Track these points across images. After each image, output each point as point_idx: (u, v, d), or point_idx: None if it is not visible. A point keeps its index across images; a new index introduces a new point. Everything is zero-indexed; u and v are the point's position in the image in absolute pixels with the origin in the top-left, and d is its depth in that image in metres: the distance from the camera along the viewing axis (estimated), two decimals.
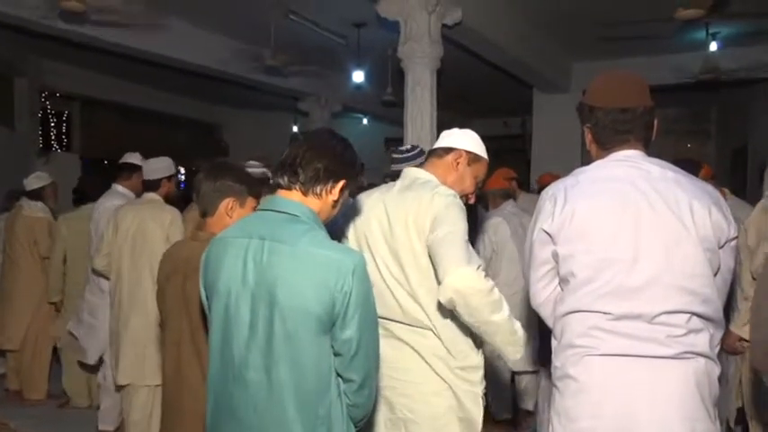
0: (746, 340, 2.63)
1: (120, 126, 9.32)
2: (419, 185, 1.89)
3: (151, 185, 3.15)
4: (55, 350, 4.22)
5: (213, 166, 1.92)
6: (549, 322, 1.68)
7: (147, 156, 3.42)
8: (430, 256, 1.78)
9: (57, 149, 8.41)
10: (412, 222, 1.82)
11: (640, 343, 1.46)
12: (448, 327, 1.84)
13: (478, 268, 1.71)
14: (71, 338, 3.73)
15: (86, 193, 4.03)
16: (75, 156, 8.53)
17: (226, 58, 6.57)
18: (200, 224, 1.92)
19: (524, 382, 3.72)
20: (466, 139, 2.01)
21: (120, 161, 3.60)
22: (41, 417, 3.87)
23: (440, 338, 1.84)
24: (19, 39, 6.20)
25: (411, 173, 1.98)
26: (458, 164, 1.97)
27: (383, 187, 2.04)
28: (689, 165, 2.35)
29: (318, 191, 1.43)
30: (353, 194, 1.85)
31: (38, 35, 5.63)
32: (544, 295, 1.67)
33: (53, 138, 8.47)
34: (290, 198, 1.43)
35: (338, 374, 1.38)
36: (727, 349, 2.71)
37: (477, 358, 1.89)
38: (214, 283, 1.42)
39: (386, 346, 1.76)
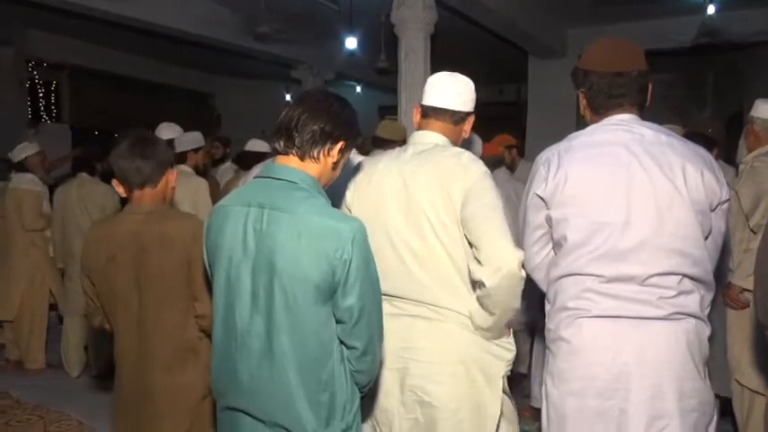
0: (750, 291, 2.67)
1: (110, 96, 9.19)
2: (438, 151, 1.72)
3: (180, 158, 3.34)
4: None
5: (140, 139, 1.77)
6: (543, 286, 1.71)
7: (139, 125, 3.41)
8: (466, 234, 1.65)
9: (46, 120, 8.30)
10: (438, 193, 1.65)
11: (632, 304, 1.49)
12: (473, 304, 1.68)
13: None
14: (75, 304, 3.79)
15: (89, 162, 4.11)
16: (65, 126, 8.42)
17: (215, 24, 6.45)
18: (140, 197, 1.76)
19: (518, 345, 3.77)
20: (473, 98, 1.82)
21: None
22: (43, 386, 3.91)
23: (464, 315, 1.67)
24: (2, 7, 6.05)
25: (424, 137, 1.79)
26: (469, 128, 1.84)
27: (391, 153, 1.84)
28: (702, 140, 2.33)
29: (316, 154, 1.39)
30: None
31: (22, 2, 5.49)
32: (538, 259, 1.69)
33: (42, 108, 8.35)
34: (288, 164, 1.40)
35: (341, 341, 1.38)
36: (730, 302, 2.73)
37: (511, 349, 1.76)
38: (215, 252, 1.41)
39: (398, 325, 1.69)
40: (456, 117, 1.79)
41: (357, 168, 1.86)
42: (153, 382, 1.72)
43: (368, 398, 1.72)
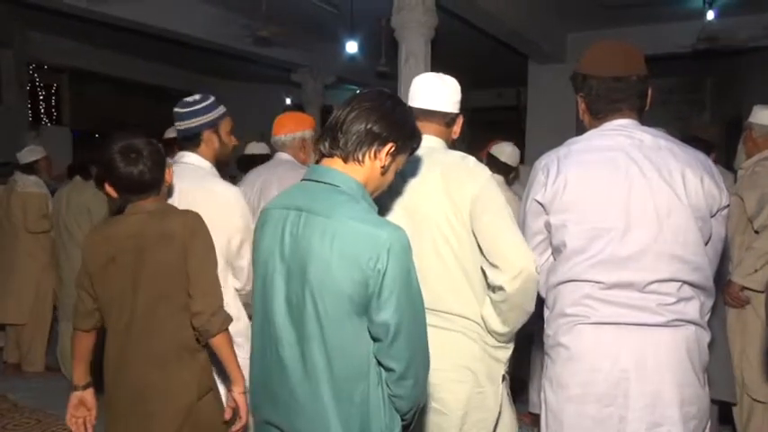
0: (750, 289, 2.68)
1: (110, 98, 9.20)
2: (440, 155, 1.71)
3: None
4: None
5: (140, 143, 1.70)
6: (542, 291, 1.70)
7: (138, 128, 3.42)
8: (477, 239, 1.64)
9: (46, 123, 8.32)
10: (446, 199, 1.64)
11: (631, 311, 1.48)
12: (486, 310, 1.68)
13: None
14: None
15: (84, 166, 4.12)
16: (65, 129, 8.44)
17: (216, 28, 6.46)
18: (141, 200, 1.72)
19: (516, 351, 3.77)
20: (459, 98, 1.80)
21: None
22: (41, 389, 3.91)
23: (473, 320, 1.67)
24: (3, 9, 6.06)
25: (425, 140, 1.72)
26: (458, 129, 1.83)
27: None
28: (700, 144, 2.33)
29: (361, 157, 1.28)
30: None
31: (23, 5, 5.50)
32: (538, 264, 1.68)
33: (42, 111, 8.36)
34: (332, 166, 1.30)
35: (378, 362, 1.26)
36: (730, 300, 2.73)
37: (508, 349, 1.76)
38: (256, 256, 1.35)
39: None
40: (447, 119, 1.78)
41: None
42: (147, 381, 1.69)
43: None
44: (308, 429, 1.26)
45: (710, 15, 6.10)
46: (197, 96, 2.12)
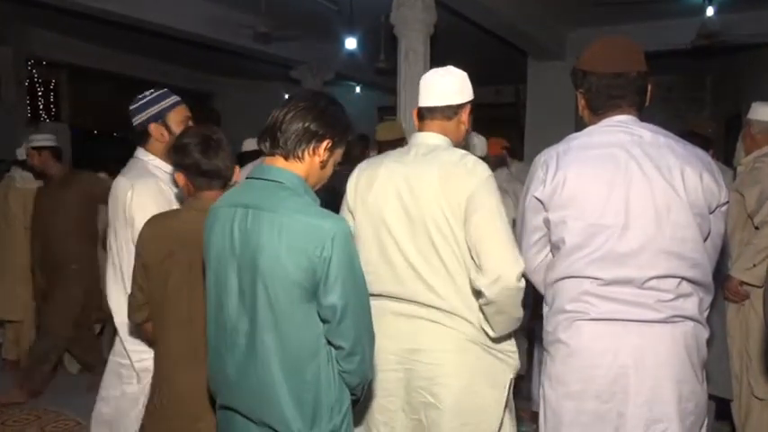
0: (749, 284, 2.69)
1: (109, 95, 9.17)
2: (442, 154, 1.71)
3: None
4: None
5: (215, 136, 1.74)
6: (541, 288, 1.71)
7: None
8: (466, 237, 1.64)
9: (45, 119, 8.29)
10: (443, 197, 1.64)
11: (630, 307, 1.49)
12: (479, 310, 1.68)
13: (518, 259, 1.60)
14: None
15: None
16: (64, 125, 8.41)
17: (215, 24, 6.44)
18: (207, 194, 1.73)
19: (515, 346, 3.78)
20: (466, 86, 1.80)
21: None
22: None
23: (471, 319, 1.68)
24: (1, 5, 6.04)
25: (424, 138, 1.77)
26: (467, 117, 1.81)
27: (392, 155, 1.81)
28: (698, 140, 2.33)
29: (300, 154, 1.38)
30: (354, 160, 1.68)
31: (21, 1, 5.48)
32: (536, 262, 1.69)
33: (41, 107, 8.34)
34: (274, 164, 1.40)
35: (328, 341, 1.38)
36: (730, 294, 2.74)
37: (511, 342, 1.76)
38: (207, 252, 1.44)
39: (407, 327, 1.70)
40: (449, 111, 1.77)
41: (357, 174, 1.83)
42: (196, 382, 1.66)
43: (366, 399, 1.71)
44: (264, 410, 1.36)
45: (710, 12, 6.09)
46: (150, 91, 2.10)
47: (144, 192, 1.96)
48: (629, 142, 1.53)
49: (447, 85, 1.77)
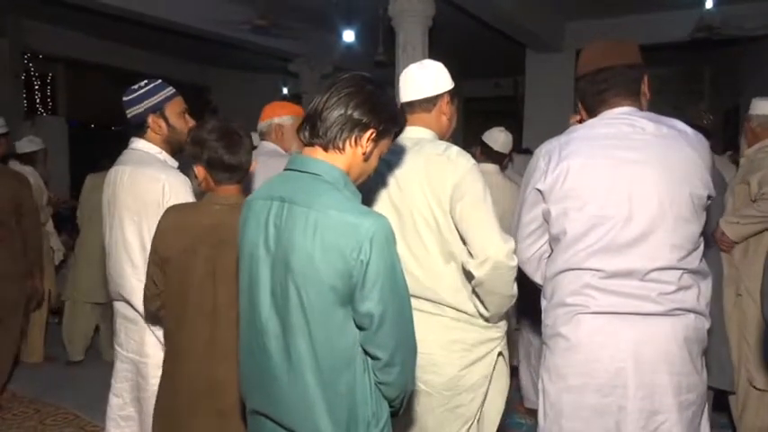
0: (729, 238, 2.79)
1: (106, 88, 9.12)
2: (425, 146, 1.73)
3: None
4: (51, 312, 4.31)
5: (240, 131, 1.71)
6: (536, 278, 1.72)
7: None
8: (456, 227, 1.68)
9: (42, 113, 8.27)
10: (429, 190, 1.68)
11: (631, 300, 1.48)
12: (468, 298, 1.73)
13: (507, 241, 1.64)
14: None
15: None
16: (61, 119, 8.39)
17: (212, 17, 6.41)
18: (227, 189, 1.71)
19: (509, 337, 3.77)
20: (441, 77, 1.80)
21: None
22: (39, 379, 3.91)
23: (459, 308, 1.72)
24: None
25: (408, 132, 1.75)
26: (447, 107, 1.82)
27: None
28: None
29: (340, 144, 1.24)
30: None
31: None
32: (529, 253, 1.69)
33: (38, 101, 8.31)
34: (312, 155, 1.27)
35: (364, 350, 1.25)
36: (717, 242, 2.82)
37: (500, 327, 1.80)
38: (241, 248, 1.33)
39: None
40: (427, 104, 1.79)
41: None
42: (221, 377, 1.63)
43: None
44: (295, 419, 1.25)
45: (709, 4, 6.07)
46: (143, 82, 2.07)
47: (176, 183, 1.94)
48: (631, 133, 1.53)
49: (422, 79, 1.79)
